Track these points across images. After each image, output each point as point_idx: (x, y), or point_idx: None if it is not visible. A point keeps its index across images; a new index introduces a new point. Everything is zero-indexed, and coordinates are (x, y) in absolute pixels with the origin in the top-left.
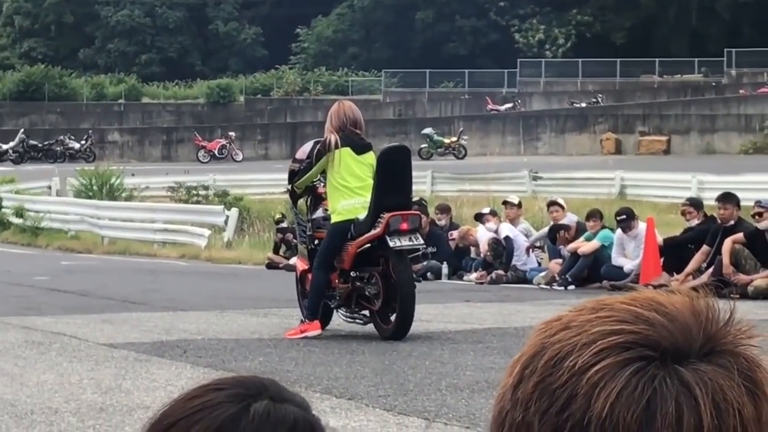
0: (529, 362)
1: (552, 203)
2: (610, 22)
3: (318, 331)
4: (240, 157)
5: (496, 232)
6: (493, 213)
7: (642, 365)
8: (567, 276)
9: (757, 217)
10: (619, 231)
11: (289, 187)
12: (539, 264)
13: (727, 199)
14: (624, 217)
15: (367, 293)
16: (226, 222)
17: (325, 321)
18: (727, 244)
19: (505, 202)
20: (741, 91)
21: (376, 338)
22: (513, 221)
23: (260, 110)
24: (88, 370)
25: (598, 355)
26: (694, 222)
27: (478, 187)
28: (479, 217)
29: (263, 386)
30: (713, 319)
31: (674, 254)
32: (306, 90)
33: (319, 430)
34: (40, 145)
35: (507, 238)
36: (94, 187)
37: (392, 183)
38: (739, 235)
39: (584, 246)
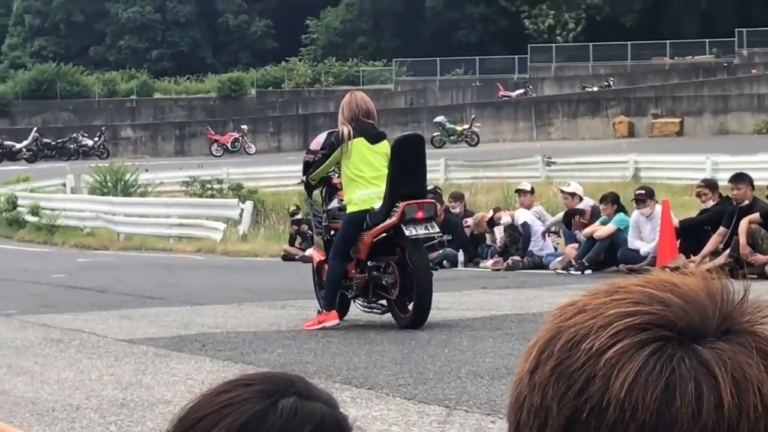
0: (546, 346)
1: (565, 192)
2: (620, 5)
3: (336, 322)
4: (253, 150)
5: (512, 219)
6: (497, 209)
7: (659, 345)
8: (583, 260)
9: None
10: (635, 214)
11: (304, 178)
12: (555, 249)
13: (740, 179)
14: (643, 192)
15: (384, 282)
16: (240, 215)
17: (342, 311)
18: (744, 224)
19: (518, 190)
20: (753, 71)
21: (394, 327)
22: (527, 208)
23: (272, 103)
24: (108, 366)
25: (615, 337)
26: (710, 203)
27: (491, 174)
28: (492, 223)
29: (291, 383)
30: (728, 299)
31: (690, 236)
32: (317, 81)
33: (346, 427)
34: (53, 143)
35: (525, 224)
36: (109, 184)
37: (407, 172)
38: (756, 215)
39: (600, 230)
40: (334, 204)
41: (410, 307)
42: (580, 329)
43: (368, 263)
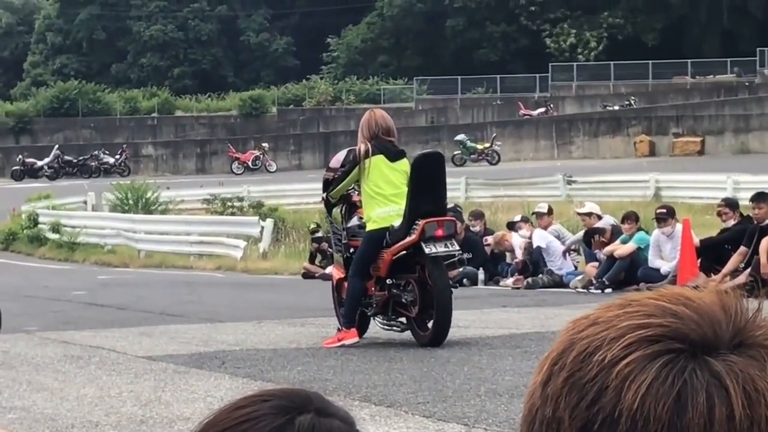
0: (558, 358)
1: (581, 214)
2: (642, 24)
3: (355, 339)
4: (273, 167)
5: (530, 239)
6: (525, 219)
7: (671, 357)
8: (604, 279)
9: None
10: (656, 233)
11: (324, 196)
12: (576, 268)
13: (761, 198)
14: (664, 211)
15: (403, 300)
16: (261, 233)
17: (362, 329)
18: (765, 243)
19: (535, 213)
20: None
21: (414, 345)
22: (545, 228)
23: (293, 121)
24: (128, 383)
25: (627, 349)
26: (731, 222)
27: (512, 192)
28: (511, 226)
29: (309, 399)
30: (742, 314)
31: (711, 255)
32: (338, 99)
33: None
34: (74, 161)
35: (538, 248)
36: (130, 201)
37: (427, 189)
38: None
39: (620, 249)
40: (354, 221)
41: (430, 325)
42: (592, 341)
43: (388, 281)
